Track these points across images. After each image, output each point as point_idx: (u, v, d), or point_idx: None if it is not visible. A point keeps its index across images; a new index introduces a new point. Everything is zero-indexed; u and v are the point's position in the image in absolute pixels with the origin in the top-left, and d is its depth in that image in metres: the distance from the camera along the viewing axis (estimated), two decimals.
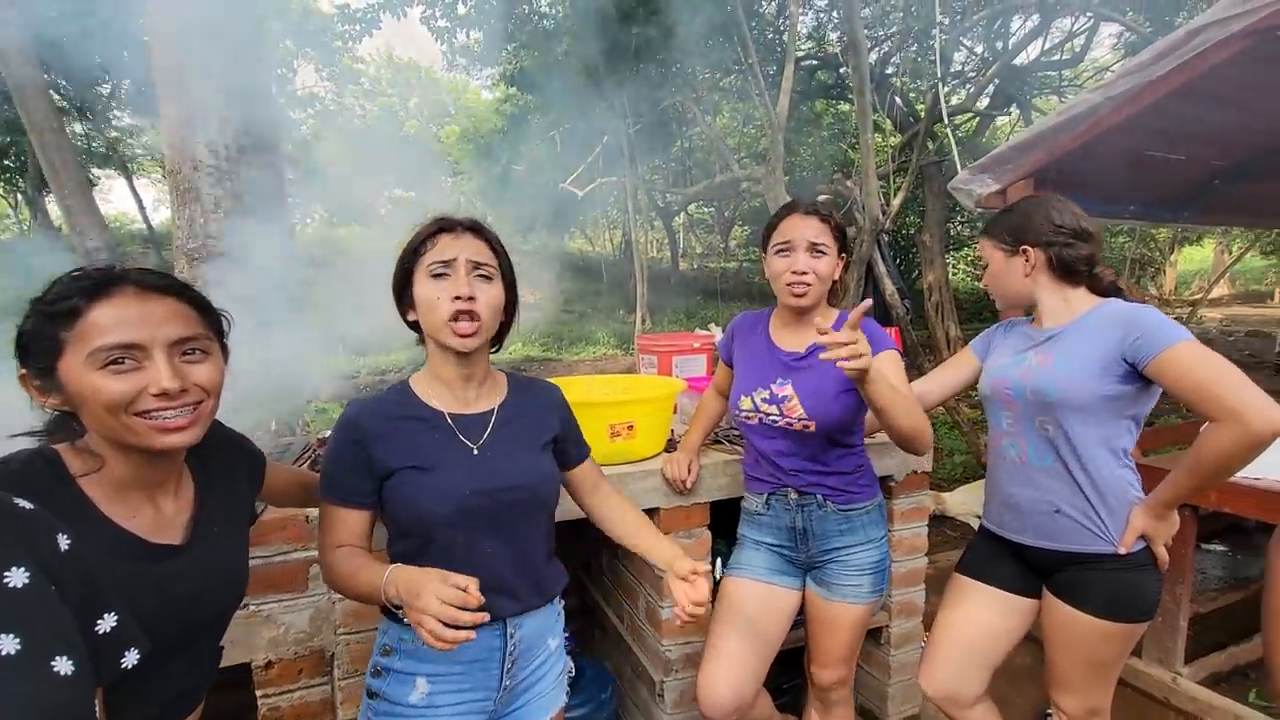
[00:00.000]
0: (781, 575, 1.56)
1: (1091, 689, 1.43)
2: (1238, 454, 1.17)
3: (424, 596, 0.86)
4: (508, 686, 1.14)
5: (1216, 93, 2.22)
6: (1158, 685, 2.27)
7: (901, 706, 2.16)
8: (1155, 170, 2.88)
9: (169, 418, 0.79)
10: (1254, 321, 12.46)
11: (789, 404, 1.45)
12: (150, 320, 0.78)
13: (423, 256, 1.06)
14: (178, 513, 0.88)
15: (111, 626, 0.67)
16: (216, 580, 0.90)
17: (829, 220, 1.43)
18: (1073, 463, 1.36)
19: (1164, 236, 13.16)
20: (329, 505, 1.07)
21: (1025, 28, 8.35)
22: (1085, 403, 1.31)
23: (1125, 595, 1.35)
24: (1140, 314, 1.29)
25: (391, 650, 1.09)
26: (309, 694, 1.51)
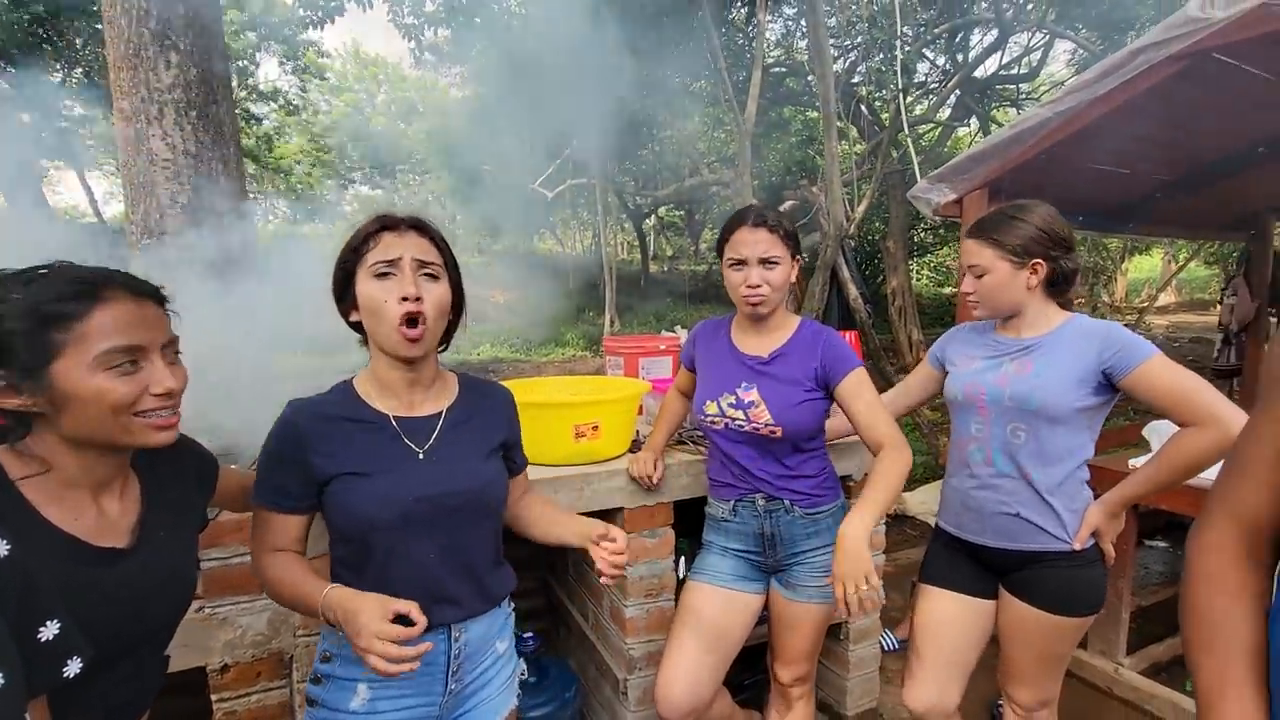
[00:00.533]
0: (746, 581, 1.58)
1: (1044, 681, 1.50)
2: (1214, 455, 1.27)
3: (364, 636, 0.87)
4: (453, 691, 1.13)
5: (1156, 110, 2.33)
6: (1101, 676, 2.37)
7: (860, 700, 2.21)
8: (1102, 183, 3.01)
9: (164, 416, 0.83)
10: (1198, 328, 13.04)
11: (756, 410, 1.47)
12: (147, 324, 0.81)
13: (365, 255, 1.02)
14: (123, 515, 0.86)
15: (54, 634, 0.67)
16: (163, 585, 0.89)
17: (778, 230, 1.44)
18: (1036, 469, 1.41)
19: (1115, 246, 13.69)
20: (269, 512, 1.05)
21: (984, 42, 8.63)
22: (1062, 412, 1.37)
23: (1077, 591, 1.42)
24: (1114, 330, 1.38)
25: (331, 657, 1.07)
26: (267, 697, 1.49)
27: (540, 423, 1.76)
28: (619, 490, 1.77)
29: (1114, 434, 3.24)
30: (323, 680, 1.07)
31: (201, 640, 1.42)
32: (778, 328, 1.54)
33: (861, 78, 8.84)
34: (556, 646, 2.40)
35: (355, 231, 1.05)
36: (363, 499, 1.02)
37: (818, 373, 1.47)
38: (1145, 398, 1.33)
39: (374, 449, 1.05)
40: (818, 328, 1.55)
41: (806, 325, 1.55)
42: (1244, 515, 0.74)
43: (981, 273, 1.45)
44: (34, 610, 0.65)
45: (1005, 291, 1.44)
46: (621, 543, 1.16)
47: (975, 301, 1.49)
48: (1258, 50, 1.98)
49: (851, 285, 4.74)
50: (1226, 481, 0.77)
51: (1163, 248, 15.14)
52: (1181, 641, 0.76)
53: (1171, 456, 1.33)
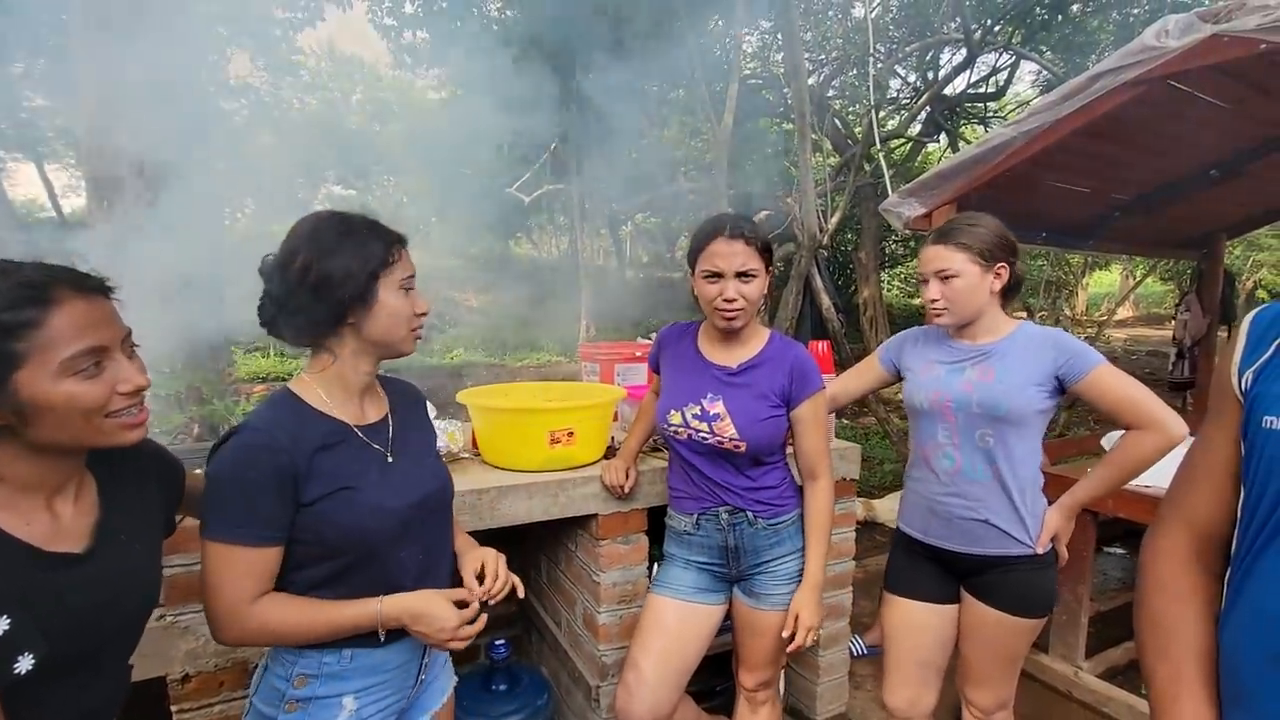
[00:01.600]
0: (707, 593, 1.58)
1: (1002, 682, 1.55)
2: (1157, 456, 1.38)
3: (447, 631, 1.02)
4: (422, 681, 1.17)
5: (1114, 132, 2.43)
6: (1061, 679, 2.43)
7: (830, 705, 2.24)
8: (1063, 200, 3.11)
9: (133, 414, 0.82)
10: (1154, 342, 13.50)
11: (721, 423, 1.45)
12: (104, 321, 0.79)
13: (393, 267, 1.03)
14: (77, 518, 0.83)
15: (3, 630, 0.65)
16: (122, 589, 0.86)
17: (755, 242, 1.42)
18: (1007, 473, 1.46)
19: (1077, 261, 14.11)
20: (247, 549, 0.94)
21: (953, 61, 8.87)
22: (1025, 416, 1.43)
23: (1035, 593, 1.48)
24: (1062, 337, 1.45)
25: (309, 678, 1.03)
26: (229, 708, 1.45)
27: (515, 428, 1.75)
28: (593, 496, 1.77)
29: (1073, 443, 3.35)
30: (299, 704, 1.03)
31: (162, 649, 1.38)
32: (748, 339, 1.52)
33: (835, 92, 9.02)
34: (528, 653, 2.38)
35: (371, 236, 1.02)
36: (361, 513, 1.01)
37: (784, 390, 1.47)
38: (1094, 402, 1.43)
39: (349, 460, 1.03)
40: (788, 343, 1.53)
41: (777, 339, 1.53)
42: (1195, 522, 0.77)
43: (951, 275, 1.47)
44: None
45: (974, 295, 1.47)
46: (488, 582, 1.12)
47: (943, 308, 1.49)
48: (1209, 78, 2.09)
49: (825, 295, 4.82)
50: (1179, 489, 0.80)
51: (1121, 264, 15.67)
52: (1135, 645, 0.79)
53: (1119, 458, 1.43)
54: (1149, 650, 0.76)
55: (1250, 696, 0.66)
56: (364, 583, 1.03)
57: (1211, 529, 0.75)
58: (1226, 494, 0.73)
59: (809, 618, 1.46)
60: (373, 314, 1.02)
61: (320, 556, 1.01)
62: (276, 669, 1.05)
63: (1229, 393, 0.72)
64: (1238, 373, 0.71)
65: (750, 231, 1.42)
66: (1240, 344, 0.73)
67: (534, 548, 2.25)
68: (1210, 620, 0.73)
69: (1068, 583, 2.42)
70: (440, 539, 1.16)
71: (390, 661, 1.08)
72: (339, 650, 1.03)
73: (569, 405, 1.79)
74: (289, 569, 1.02)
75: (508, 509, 1.67)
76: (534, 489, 1.70)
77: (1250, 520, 0.68)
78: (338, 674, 1.04)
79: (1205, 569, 0.76)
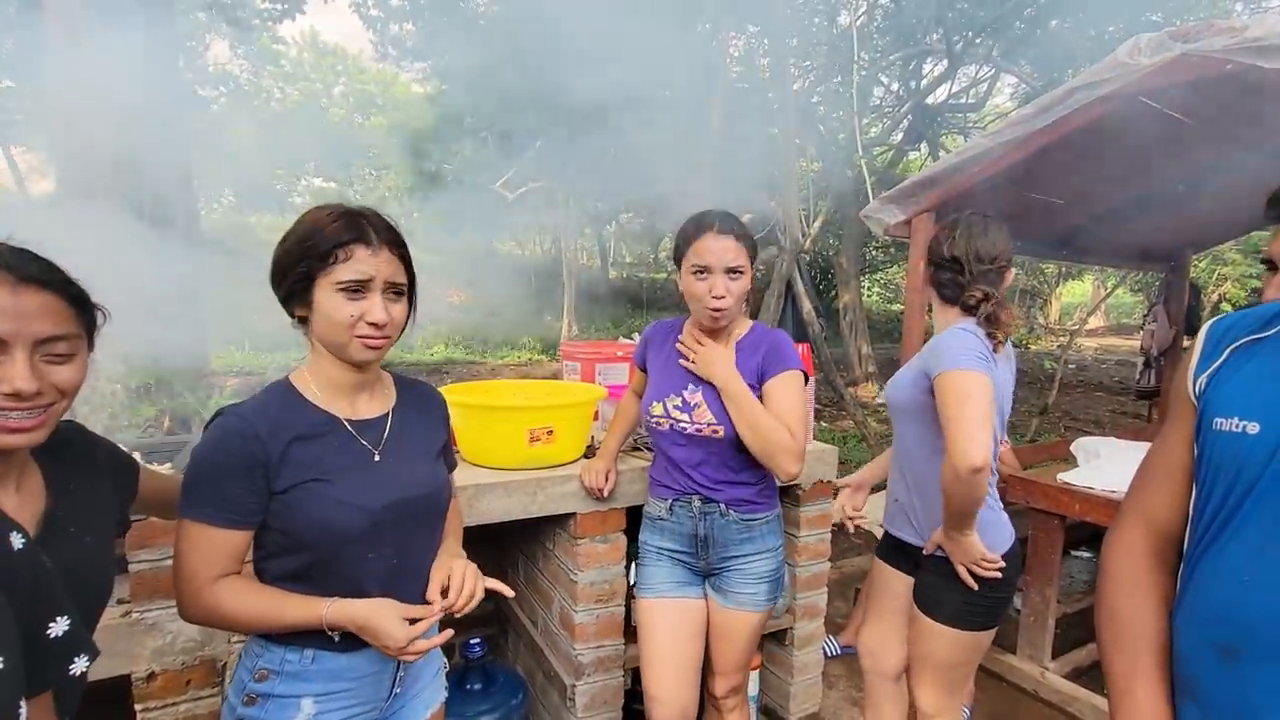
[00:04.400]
0: (689, 587, 1.58)
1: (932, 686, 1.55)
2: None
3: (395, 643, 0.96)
4: (397, 694, 1.12)
5: (1088, 146, 2.49)
6: (1028, 679, 2.49)
7: (804, 704, 2.26)
8: (1038, 211, 3.18)
9: (14, 418, 0.74)
10: (1124, 351, 13.85)
11: (699, 411, 1.48)
12: (18, 314, 0.72)
13: (332, 268, 0.95)
14: (20, 508, 0.79)
15: (64, 630, 0.63)
16: (78, 583, 0.82)
17: (744, 239, 1.44)
18: (902, 458, 1.60)
19: (1051, 271, 14.44)
20: (213, 529, 0.95)
21: (935, 71, 9.02)
22: (902, 406, 1.56)
23: (935, 596, 1.52)
24: (942, 339, 1.45)
25: (270, 674, 1.01)
26: (197, 706, 1.42)
27: (494, 426, 1.75)
28: (572, 495, 1.77)
29: (1044, 449, 3.42)
30: (258, 699, 1.01)
31: (127, 647, 1.35)
32: (732, 333, 1.54)
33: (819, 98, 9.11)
34: (504, 652, 2.37)
35: (319, 229, 0.96)
36: (329, 507, 0.98)
37: (758, 367, 1.48)
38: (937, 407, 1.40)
39: (331, 453, 1.01)
40: (768, 330, 1.56)
41: (758, 328, 1.56)
42: (1153, 520, 0.80)
43: None
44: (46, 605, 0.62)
45: None
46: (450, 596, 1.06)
47: None
48: (1179, 95, 2.15)
49: (806, 299, 4.87)
50: (1137, 489, 0.84)
51: (1093, 274, 16.06)
52: (1096, 638, 0.82)
53: None
54: (1107, 642, 0.79)
55: (1197, 685, 0.70)
56: (327, 580, 1.01)
57: (1168, 527, 0.79)
58: (1182, 493, 0.77)
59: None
60: (313, 313, 0.98)
61: (288, 548, 1.00)
62: (245, 660, 1.04)
63: (1185, 397, 0.76)
64: (1193, 378, 0.75)
65: (739, 228, 1.44)
66: (1197, 351, 0.76)
67: (511, 546, 2.24)
68: (1165, 614, 0.77)
69: (1035, 585, 2.48)
70: (419, 545, 1.11)
71: (356, 669, 1.04)
72: (301, 649, 1.01)
73: (549, 404, 1.79)
74: (262, 557, 1.01)
75: (485, 507, 1.66)
76: (512, 487, 1.69)
77: (1199, 517, 0.72)
78: (298, 674, 1.01)
79: (1162, 565, 0.79)
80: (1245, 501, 0.66)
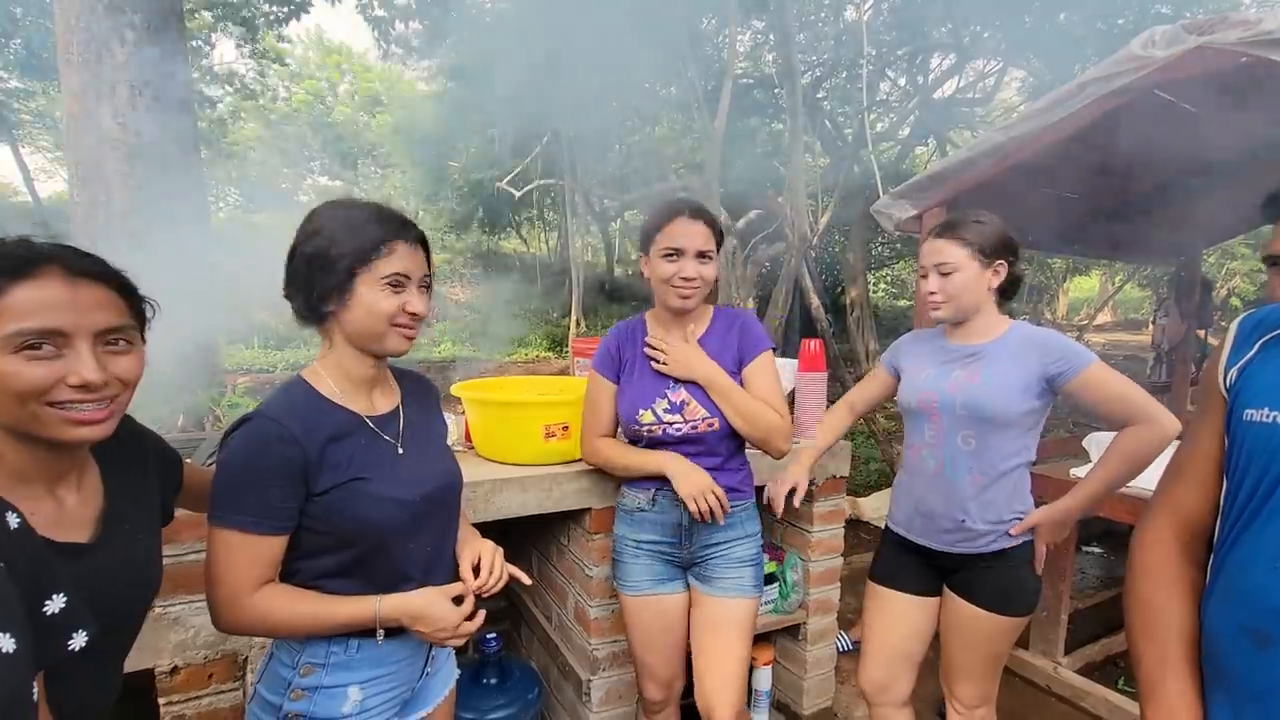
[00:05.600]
0: (668, 583, 1.56)
1: (983, 678, 1.56)
2: (1155, 452, 1.38)
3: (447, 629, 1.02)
4: (428, 674, 1.17)
5: (1100, 140, 2.48)
6: (1040, 674, 2.49)
7: (817, 699, 2.27)
8: (1049, 205, 3.17)
9: (84, 410, 0.74)
10: (1131, 347, 13.76)
11: (689, 408, 1.48)
12: (77, 306, 0.73)
13: (374, 263, 0.98)
14: (82, 506, 0.82)
15: (60, 608, 0.64)
16: (129, 579, 0.85)
17: (713, 226, 1.47)
18: (988, 475, 1.47)
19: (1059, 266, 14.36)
20: (255, 537, 0.95)
21: (943, 66, 8.97)
22: (1010, 419, 1.44)
23: (1014, 592, 1.49)
24: (1053, 337, 1.46)
25: (315, 667, 1.03)
26: (219, 700, 1.44)
27: (511, 422, 1.76)
28: (587, 491, 1.78)
29: (1055, 444, 3.41)
30: (305, 693, 1.03)
31: (150, 641, 1.37)
32: (697, 318, 1.55)
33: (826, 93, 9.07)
34: (518, 648, 2.38)
35: (360, 226, 0.99)
36: (371, 504, 1.00)
37: (735, 354, 1.50)
38: (1088, 401, 1.42)
39: (361, 451, 1.03)
40: (733, 312, 1.57)
41: (721, 311, 1.57)
42: (1182, 513, 0.81)
43: (950, 270, 1.47)
44: (42, 583, 0.63)
45: (971, 291, 1.48)
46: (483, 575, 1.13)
47: (940, 301, 1.50)
48: (1194, 88, 2.13)
49: (813, 295, 4.86)
50: (1167, 483, 0.84)
51: (1101, 269, 15.97)
52: (1125, 630, 0.82)
53: (1117, 456, 1.42)
54: (1136, 633, 0.80)
55: (1228, 672, 0.70)
56: (372, 574, 1.03)
57: (1197, 520, 0.79)
58: (1211, 486, 0.77)
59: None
60: (349, 307, 1.00)
61: (330, 547, 1.01)
62: (282, 656, 1.05)
63: (1215, 389, 0.76)
64: (1224, 370, 0.76)
65: (708, 215, 1.48)
66: (1228, 344, 0.77)
67: (525, 541, 2.25)
68: (1194, 606, 0.77)
69: (1048, 580, 2.47)
70: (448, 531, 1.16)
71: (396, 653, 1.08)
72: (345, 640, 1.04)
73: (564, 399, 1.79)
74: (297, 557, 1.02)
75: (502, 502, 1.67)
76: (528, 482, 1.70)
77: (1230, 508, 0.72)
78: (344, 664, 1.04)
79: (1191, 558, 0.80)
80: (1277, 490, 0.66)
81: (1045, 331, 1.49)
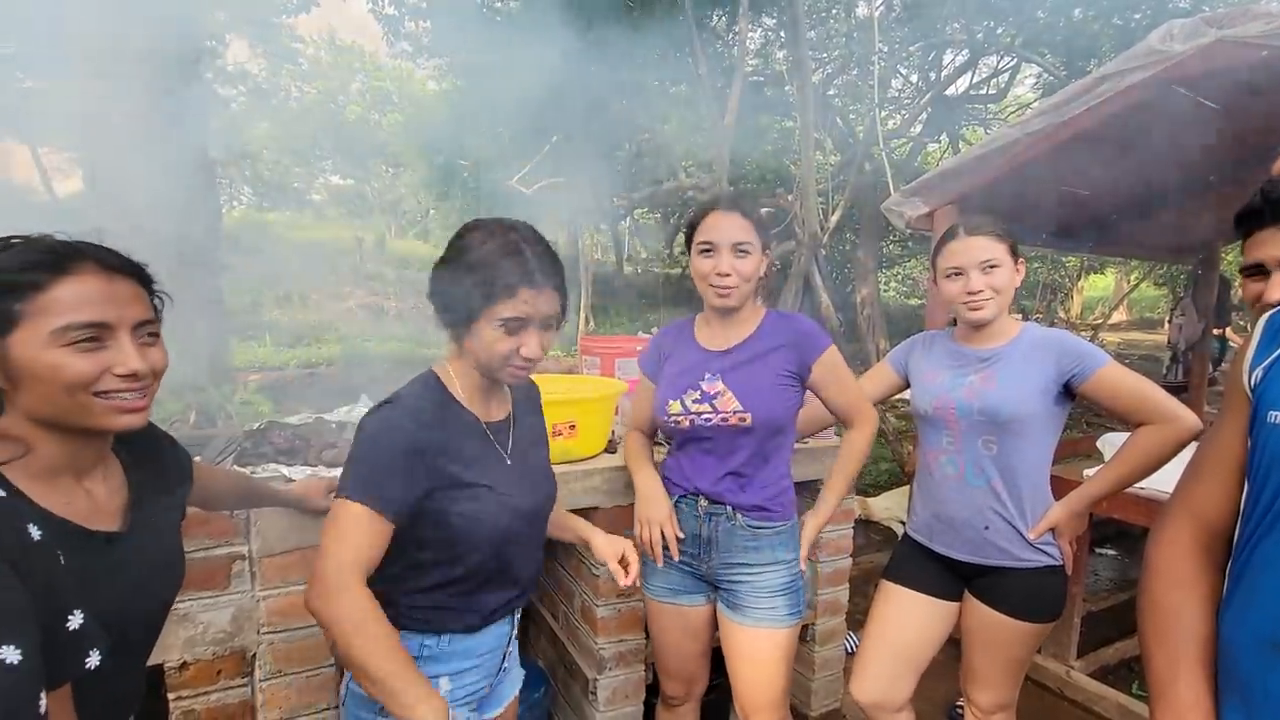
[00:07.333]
0: (687, 595, 1.52)
1: (1004, 685, 1.53)
2: (1172, 451, 1.36)
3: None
4: (505, 670, 1.21)
5: (1117, 136, 2.44)
6: (1053, 677, 2.45)
7: (825, 701, 2.26)
8: (1064, 202, 3.12)
9: (128, 399, 0.78)
10: (1147, 346, 13.58)
11: (722, 399, 1.40)
12: (116, 300, 0.76)
13: (497, 304, 0.99)
14: (110, 497, 0.84)
15: (79, 624, 0.65)
16: (158, 568, 0.87)
17: (752, 217, 1.38)
18: (1008, 480, 1.44)
19: (1073, 264, 14.19)
20: (375, 515, 0.95)
21: (956, 62, 8.89)
22: (1029, 422, 1.41)
23: (1040, 598, 1.46)
24: (1066, 338, 1.43)
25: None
26: (227, 696, 1.45)
27: None
28: (594, 490, 1.77)
29: (1068, 444, 3.36)
30: None
31: (160, 637, 1.38)
32: (744, 320, 1.46)
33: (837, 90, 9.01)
34: (525, 645, 2.39)
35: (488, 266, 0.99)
36: (486, 508, 1.04)
37: (787, 354, 1.41)
38: (1104, 400, 1.40)
39: (480, 456, 1.07)
40: (785, 315, 1.50)
41: (773, 314, 1.50)
42: (1201, 514, 0.78)
43: (995, 265, 1.42)
44: (62, 598, 0.63)
45: (1011, 288, 1.45)
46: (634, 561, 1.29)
47: (987, 299, 1.43)
48: (1213, 83, 2.09)
49: (824, 293, 4.83)
50: (1187, 483, 0.82)
51: (1116, 267, 15.77)
52: (1137, 632, 0.80)
53: (1133, 454, 1.40)
54: (1149, 635, 0.78)
55: (1246, 683, 0.68)
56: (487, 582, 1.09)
57: (1217, 522, 0.77)
58: (1232, 488, 0.75)
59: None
60: (470, 336, 1.03)
61: (448, 558, 1.05)
62: None
63: (1239, 388, 0.74)
64: (1249, 369, 0.73)
65: (747, 207, 1.39)
66: (1254, 342, 0.74)
67: None
68: (1210, 609, 0.75)
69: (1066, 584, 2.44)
70: (540, 538, 1.22)
71: (483, 645, 1.13)
72: (438, 634, 1.08)
73: (571, 397, 1.79)
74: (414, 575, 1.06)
75: None
76: None
77: (1252, 511, 0.70)
78: (436, 656, 1.08)
79: (1209, 561, 0.77)
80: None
81: (1057, 332, 1.47)
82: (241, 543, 1.41)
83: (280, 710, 1.48)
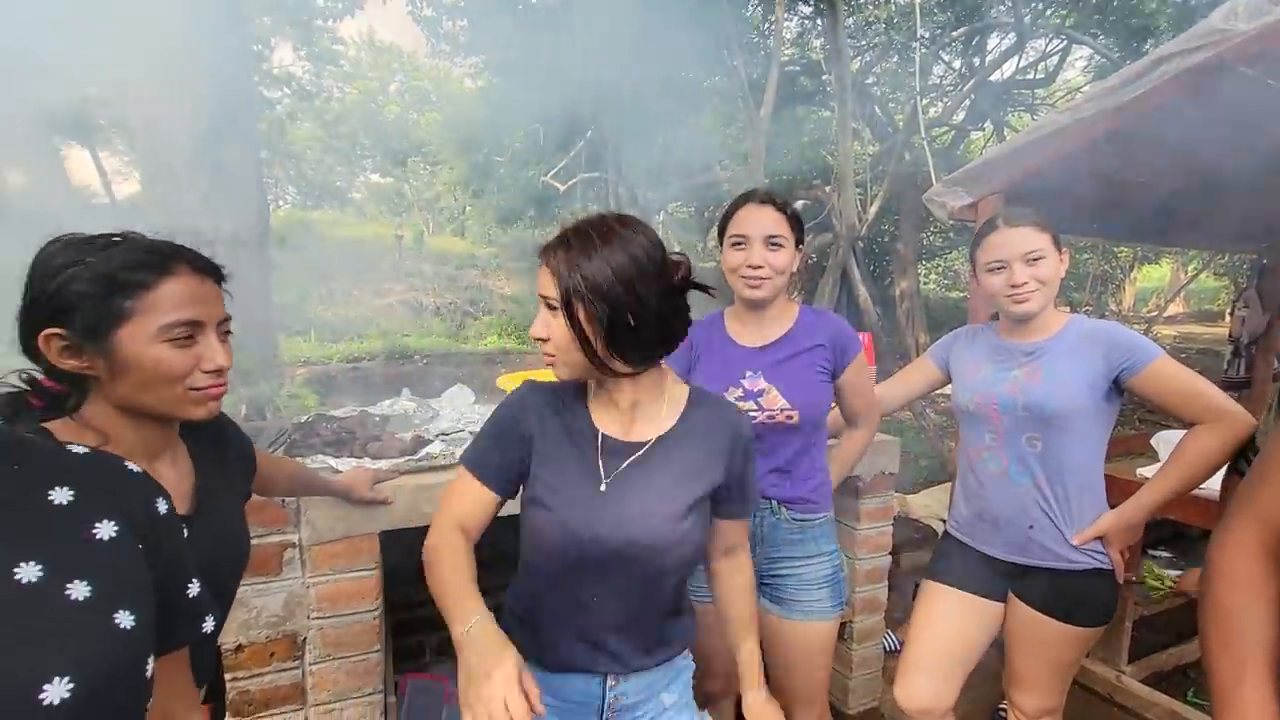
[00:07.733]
0: None
1: (1049, 689, 1.48)
2: (1227, 452, 1.27)
3: (481, 702, 0.73)
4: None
5: (1176, 120, 2.32)
6: (1102, 683, 2.38)
7: (863, 699, 2.23)
8: (1118, 191, 2.99)
9: (211, 391, 0.85)
10: (1205, 340, 12.95)
11: (768, 396, 1.39)
12: (206, 299, 0.83)
13: None
14: (179, 481, 0.89)
15: (198, 591, 0.70)
16: (227, 549, 0.93)
17: (785, 210, 1.37)
18: (1054, 478, 1.40)
19: (1125, 254, 13.61)
20: (470, 478, 0.99)
21: (1001, 46, 8.60)
22: (1076, 418, 1.36)
23: (1087, 601, 1.41)
24: (1116, 330, 1.38)
25: None
26: (279, 678, 1.51)
27: None
28: None
29: (1120, 442, 3.24)
30: None
31: None
32: (778, 316, 1.45)
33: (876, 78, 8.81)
34: None
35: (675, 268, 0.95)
36: (544, 523, 0.97)
37: (826, 352, 1.41)
38: (1154, 396, 1.34)
39: (568, 463, 0.98)
40: (819, 312, 1.49)
41: (807, 311, 1.49)
42: (1269, 517, 0.76)
43: (1040, 256, 1.38)
44: (185, 568, 0.68)
45: (1056, 279, 1.41)
46: None
47: (1032, 291, 1.39)
48: (1278, 63, 1.98)
49: (862, 287, 4.75)
50: (1252, 485, 0.79)
51: (1172, 258, 15.06)
52: (1199, 636, 0.78)
53: (1187, 458, 1.33)
54: (1213, 640, 0.76)
55: None
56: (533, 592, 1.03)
57: None
58: None
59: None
60: None
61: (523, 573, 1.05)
62: None
63: None
64: None
65: (781, 200, 1.39)
66: None
67: None
68: (1277, 614, 0.72)
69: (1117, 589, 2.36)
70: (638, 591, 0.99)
71: (562, 693, 1.01)
72: None
73: None
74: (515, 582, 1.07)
75: None
76: None
77: None
78: None
79: (1275, 564, 0.75)
80: None
81: (1106, 324, 1.41)
82: (293, 531, 1.46)
83: (329, 692, 1.53)
